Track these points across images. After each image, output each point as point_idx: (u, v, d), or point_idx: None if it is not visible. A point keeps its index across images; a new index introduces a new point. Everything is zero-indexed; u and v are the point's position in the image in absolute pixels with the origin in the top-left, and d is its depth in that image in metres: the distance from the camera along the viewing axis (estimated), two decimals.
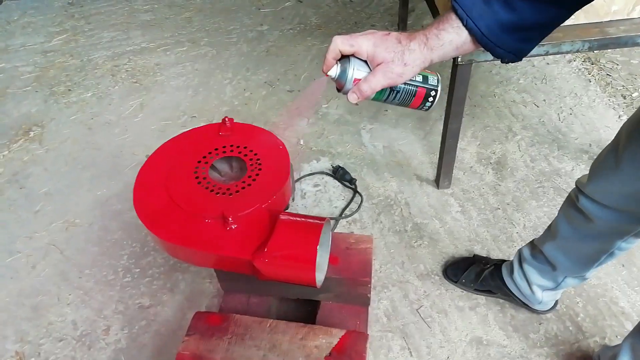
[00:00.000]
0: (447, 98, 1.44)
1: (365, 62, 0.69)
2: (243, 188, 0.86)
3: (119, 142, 1.95)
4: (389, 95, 0.73)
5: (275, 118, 2.02)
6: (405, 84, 0.72)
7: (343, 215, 1.62)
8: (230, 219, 0.79)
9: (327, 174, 1.77)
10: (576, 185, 1.04)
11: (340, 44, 0.68)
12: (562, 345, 1.29)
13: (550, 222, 1.18)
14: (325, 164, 1.81)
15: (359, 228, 1.59)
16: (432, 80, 0.74)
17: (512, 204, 1.64)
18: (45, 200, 1.74)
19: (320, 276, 0.84)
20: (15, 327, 1.39)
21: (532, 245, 1.24)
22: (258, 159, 0.91)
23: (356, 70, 0.69)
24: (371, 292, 1.41)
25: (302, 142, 1.91)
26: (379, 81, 0.68)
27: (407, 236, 1.56)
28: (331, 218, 1.61)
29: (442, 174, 1.64)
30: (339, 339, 0.88)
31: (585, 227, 1.02)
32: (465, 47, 0.66)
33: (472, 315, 1.36)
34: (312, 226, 0.78)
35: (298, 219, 0.81)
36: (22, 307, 1.44)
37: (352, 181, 1.71)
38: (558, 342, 1.29)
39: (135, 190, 0.87)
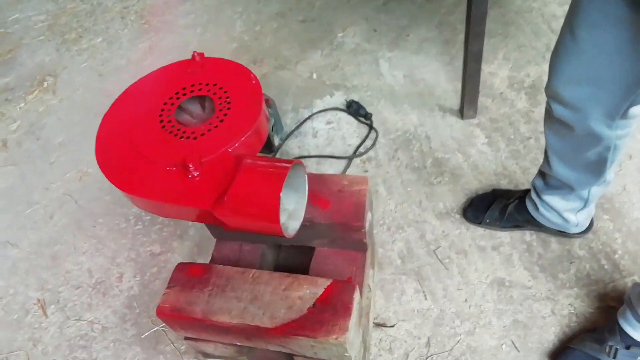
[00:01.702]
0: (466, 15, 1.26)
1: None
2: (209, 130, 0.77)
3: None
4: None
5: (287, 52, 1.88)
6: None
7: (357, 153, 1.51)
8: (191, 166, 0.72)
9: (340, 109, 1.65)
10: (545, 94, 0.93)
11: None
12: (595, 286, 1.17)
13: None
14: (340, 98, 1.68)
15: (374, 166, 1.48)
16: None
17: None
18: (59, 151, 1.74)
19: (294, 224, 0.76)
20: (36, 275, 1.43)
21: (541, 173, 1.13)
22: (227, 97, 0.81)
23: None
24: (385, 233, 1.33)
25: (315, 76, 1.77)
26: None
27: (426, 173, 1.44)
28: (343, 157, 1.51)
29: (467, 103, 1.48)
30: (324, 289, 0.81)
31: (570, 136, 0.93)
32: None
33: (494, 255, 1.25)
34: (277, 171, 0.69)
35: (263, 163, 0.72)
36: (42, 256, 1.47)
37: (367, 116, 1.59)
38: (590, 282, 1.17)
39: (97, 138, 0.80)
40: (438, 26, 1.85)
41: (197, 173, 0.72)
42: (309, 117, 1.64)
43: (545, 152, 1.06)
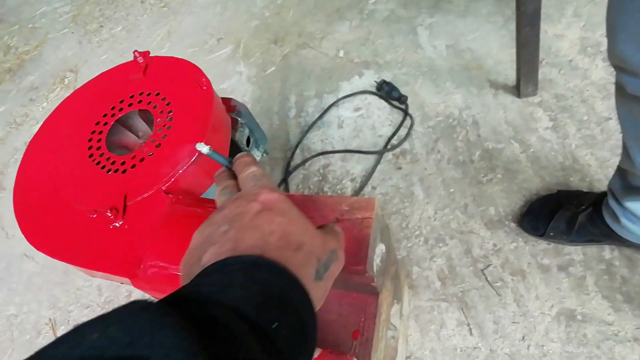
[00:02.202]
0: None
1: None
2: (142, 160, 0.57)
3: None
4: None
5: (311, 26, 1.64)
6: None
7: (389, 146, 1.27)
8: (108, 213, 0.53)
9: (370, 92, 1.39)
10: (612, 65, 0.67)
11: None
12: None
13: None
14: (370, 79, 1.43)
15: (409, 161, 1.23)
16: None
17: None
18: None
19: None
20: (49, 292, 1.35)
21: (621, 172, 0.84)
22: (170, 112, 0.60)
23: None
24: (422, 247, 1.09)
25: (342, 54, 1.52)
26: None
27: (473, 169, 1.17)
28: (372, 152, 1.27)
29: (524, 77, 1.17)
30: None
31: None
32: None
33: (561, 277, 0.98)
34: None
35: (197, 210, 0.51)
36: (55, 270, 1.39)
37: (401, 99, 1.32)
38: None
39: (19, 172, 0.64)
40: None
41: (119, 222, 0.54)
42: (334, 104, 1.40)
43: (623, 143, 0.78)
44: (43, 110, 1.87)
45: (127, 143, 0.66)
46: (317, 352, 0.61)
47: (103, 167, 0.59)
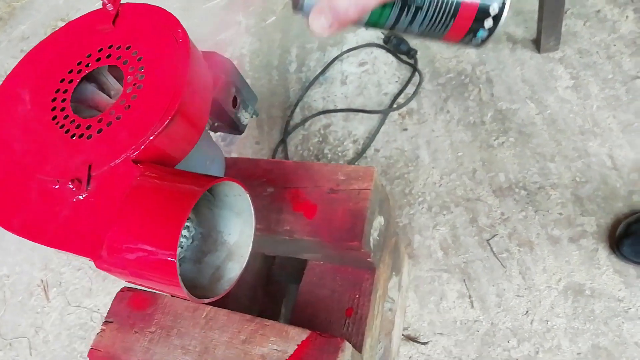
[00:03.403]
0: None
1: None
2: (109, 124, 0.51)
3: None
4: (400, 15, 0.40)
5: None
6: None
7: (395, 105, 1.18)
8: (70, 185, 0.47)
9: (376, 45, 1.29)
10: None
11: None
12: None
13: None
14: (378, 30, 1.32)
15: (416, 122, 1.15)
16: None
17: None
18: None
19: (233, 270, 0.49)
20: (41, 252, 1.32)
21: None
22: (141, 68, 0.53)
23: None
24: (425, 214, 1.03)
25: None
26: None
27: (484, 131, 1.09)
28: (376, 111, 1.19)
29: (545, 29, 1.07)
30: (296, 347, 0.56)
31: None
32: None
33: (572, 250, 0.92)
34: (182, 196, 0.42)
35: (165, 182, 0.45)
36: None
37: (410, 53, 1.23)
38: None
39: None
40: None
41: (83, 195, 0.48)
42: (338, 58, 1.31)
43: None
44: None
45: (98, 103, 0.59)
46: (305, 334, 0.57)
47: (67, 132, 0.52)
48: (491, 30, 0.41)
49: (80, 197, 0.48)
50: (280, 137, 1.23)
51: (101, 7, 0.61)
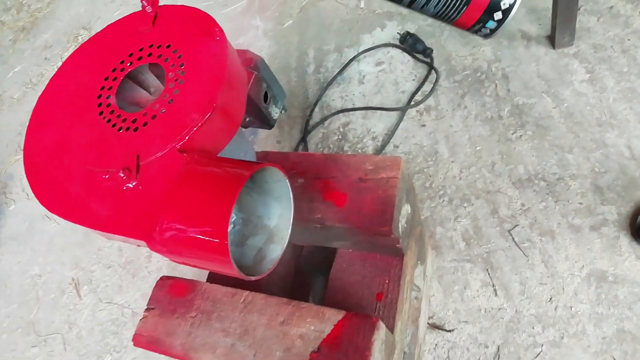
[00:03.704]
0: None
1: None
2: (154, 117, 0.54)
3: None
4: None
5: None
6: None
7: (413, 102, 1.21)
8: (120, 173, 0.50)
9: (393, 45, 1.33)
10: None
11: None
12: None
13: None
14: (393, 31, 1.35)
15: (434, 118, 1.18)
16: None
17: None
18: None
19: (275, 251, 0.52)
20: (71, 252, 1.37)
21: None
22: (181, 65, 0.57)
23: None
24: (446, 207, 1.06)
25: (363, 4, 1.44)
26: None
27: (502, 125, 1.11)
28: (395, 109, 1.22)
29: (560, 25, 1.09)
30: (333, 327, 0.59)
31: None
32: None
33: (594, 238, 0.94)
34: (229, 182, 0.45)
35: (213, 168, 0.48)
36: (76, 232, 1.40)
37: (426, 52, 1.26)
38: None
39: (28, 132, 0.62)
40: None
41: (133, 183, 0.51)
42: (355, 58, 1.34)
43: None
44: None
45: (138, 99, 0.63)
46: (340, 314, 0.59)
47: (114, 125, 0.56)
48: (499, 23, 0.44)
49: (130, 185, 0.52)
50: (300, 136, 1.26)
51: (140, 9, 0.65)
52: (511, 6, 0.45)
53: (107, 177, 0.53)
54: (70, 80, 0.63)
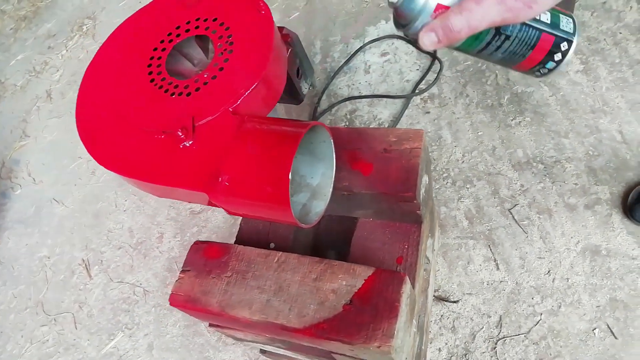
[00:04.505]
0: None
1: None
2: (205, 83, 0.59)
3: None
4: (491, 41, 0.46)
5: None
6: (524, 24, 0.46)
7: (417, 90, 1.27)
8: (179, 133, 0.55)
9: (397, 37, 1.39)
10: None
11: None
12: None
13: None
14: None
15: (437, 105, 1.24)
16: (566, 24, 0.48)
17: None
18: None
19: (318, 206, 0.58)
20: (80, 234, 1.39)
21: None
22: (229, 37, 0.61)
23: None
24: (450, 188, 1.12)
25: None
26: (488, 12, 0.41)
27: (502, 112, 1.18)
28: (400, 96, 1.28)
29: None
30: (363, 281, 0.64)
31: None
32: None
33: (588, 215, 1.01)
34: (287, 136, 0.50)
35: (270, 126, 0.53)
36: (85, 214, 1.42)
37: None
38: None
39: (78, 100, 0.65)
40: None
41: (190, 142, 0.56)
42: (360, 49, 1.40)
43: None
44: (62, 58, 1.86)
45: (182, 70, 0.67)
46: (370, 270, 0.65)
47: (166, 91, 0.60)
48: (558, 63, 0.48)
49: (187, 144, 0.56)
50: None
51: None
52: (568, 49, 0.49)
53: (162, 137, 0.58)
54: (119, 51, 0.67)
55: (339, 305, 0.64)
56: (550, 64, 0.49)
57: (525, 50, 0.47)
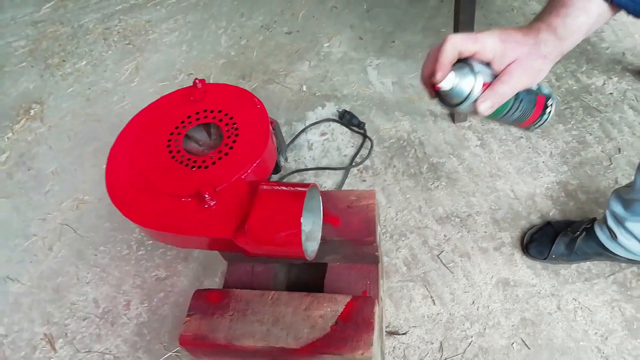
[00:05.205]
0: (454, 21, 1.29)
1: (486, 64, 0.59)
2: (220, 159, 0.78)
3: (118, 111, 1.88)
4: (512, 105, 0.62)
5: (275, 65, 1.89)
6: (526, 91, 0.62)
7: (353, 163, 1.53)
8: (206, 196, 0.72)
9: (333, 120, 1.67)
10: None
11: (461, 42, 0.57)
12: (596, 279, 1.20)
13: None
14: (332, 109, 1.70)
15: (371, 175, 1.50)
16: (544, 88, 0.66)
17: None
18: (53, 180, 1.72)
19: (312, 246, 0.77)
20: (40, 309, 1.41)
21: (621, 199, 1.06)
22: (234, 124, 0.82)
23: (482, 74, 0.57)
24: (389, 241, 1.35)
25: (305, 88, 1.79)
26: (519, 80, 0.58)
27: (423, 178, 1.47)
28: (340, 168, 1.53)
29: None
30: (344, 306, 0.83)
31: None
32: (597, 24, 0.58)
33: (496, 255, 1.28)
34: (295, 194, 0.70)
35: (279, 187, 0.73)
36: (45, 289, 1.45)
37: (360, 125, 1.61)
38: (592, 276, 1.21)
39: (107, 172, 0.81)
40: (422, 30, 1.89)
41: (214, 202, 0.73)
42: (303, 130, 1.65)
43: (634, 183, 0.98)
44: (9, 140, 1.91)
45: (192, 149, 0.85)
46: (348, 298, 0.83)
47: (187, 165, 0.78)
48: (548, 116, 0.64)
49: (212, 203, 0.74)
50: None
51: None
52: (552, 104, 0.62)
53: (189, 199, 0.75)
54: (140, 134, 0.84)
55: (327, 327, 0.81)
56: (544, 118, 0.65)
57: (530, 109, 0.63)
